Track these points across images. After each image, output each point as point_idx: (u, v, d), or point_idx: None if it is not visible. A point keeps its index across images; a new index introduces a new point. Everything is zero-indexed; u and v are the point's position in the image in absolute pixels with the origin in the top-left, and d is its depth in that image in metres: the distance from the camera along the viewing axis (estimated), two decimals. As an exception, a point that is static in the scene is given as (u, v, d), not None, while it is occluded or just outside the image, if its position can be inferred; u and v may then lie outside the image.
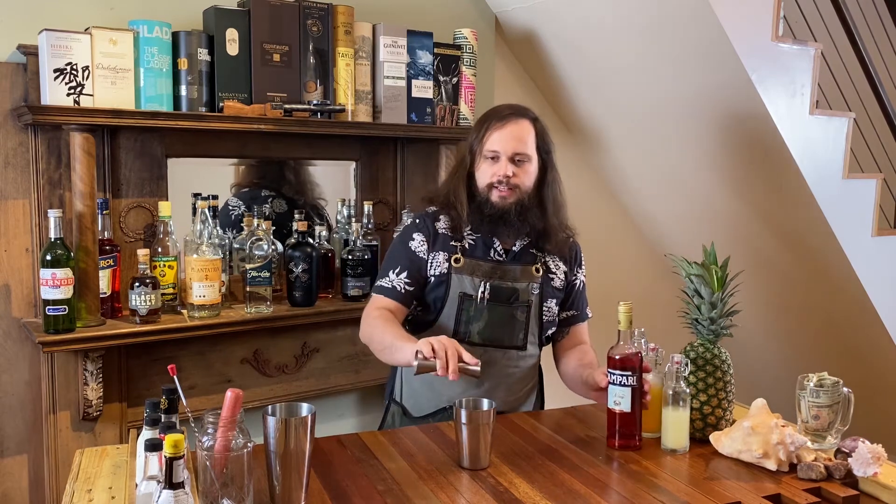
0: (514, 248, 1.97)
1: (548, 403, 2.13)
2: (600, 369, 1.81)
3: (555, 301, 1.99)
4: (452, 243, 1.94)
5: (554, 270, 1.99)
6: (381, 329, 1.84)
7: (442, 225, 1.96)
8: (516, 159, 1.90)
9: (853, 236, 2.85)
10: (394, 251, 2.00)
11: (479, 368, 1.64)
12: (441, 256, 1.93)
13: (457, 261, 1.92)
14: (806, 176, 2.69)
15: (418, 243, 1.96)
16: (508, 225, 1.92)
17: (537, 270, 1.96)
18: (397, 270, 1.94)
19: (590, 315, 2.09)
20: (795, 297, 3.18)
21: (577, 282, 2.06)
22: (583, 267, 2.09)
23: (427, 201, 2.06)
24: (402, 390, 2.02)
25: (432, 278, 1.93)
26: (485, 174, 1.92)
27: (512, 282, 1.92)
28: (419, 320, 1.98)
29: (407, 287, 1.93)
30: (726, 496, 1.45)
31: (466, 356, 1.64)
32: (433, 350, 1.63)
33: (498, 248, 1.95)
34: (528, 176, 1.93)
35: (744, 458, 1.60)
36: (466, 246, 1.95)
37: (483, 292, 1.89)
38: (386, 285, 1.94)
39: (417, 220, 2.00)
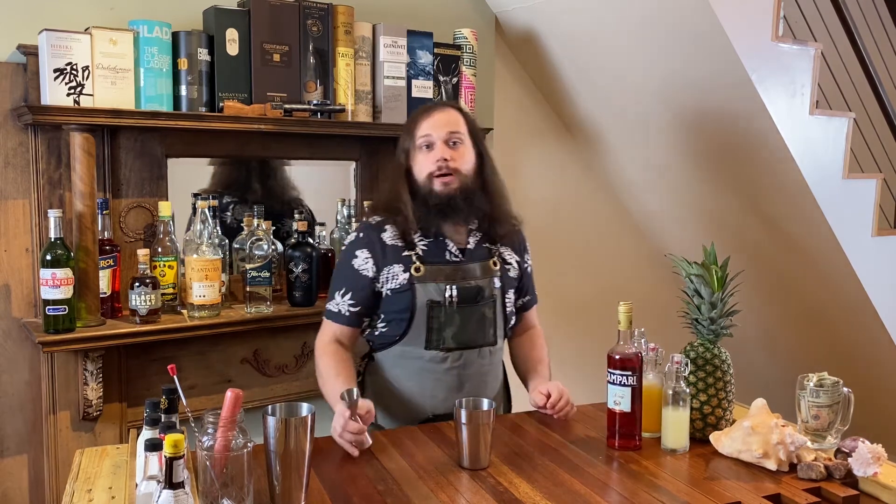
0: (468, 246, 1.94)
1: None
2: (541, 388, 1.89)
3: (513, 291, 2.00)
4: (406, 253, 1.88)
5: (509, 261, 2.01)
6: (323, 377, 1.85)
7: (389, 235, 1.90)
8: (451, 141, 1.88)
9: (853, 236, 2.85)
10: (339, 270, 1.95)
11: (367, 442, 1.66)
12: (397, 268, 1.87)
13: (417, 270, 1.87)
14: (806, 176, 2.69)
15: (362, 261, 1.89)
16: (457, 212, 1.88)
17: (495, 264, 1.96)
18: (342, 292, 1.90)
19: (537, 299, 2.13)
20: (795, 298, 3.18)
21: (529, 268, 2.09)
22: (528, 253, 2.11)
23: (371, 210, 2.01)
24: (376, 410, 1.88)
25: (389, 293, 1.88)
26: (423, 165, 1.89)
27: (474, 280, 1.91)
28: (387, 336, 1.92)
29: (351, 309, 1.89)
30: (726, 496, 1.45)
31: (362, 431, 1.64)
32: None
33: (453, 249, 1.92)
34: (466, 160, 1.90)
35: (744, 458, 1.60)
36: (420, 252, 1.89)
37: (451, 296, 1.86)
38: (333, 309, 1.92)
39: (361, 235, 1.92)
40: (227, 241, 2.42)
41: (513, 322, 2.04)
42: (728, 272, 1.76)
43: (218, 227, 2.35)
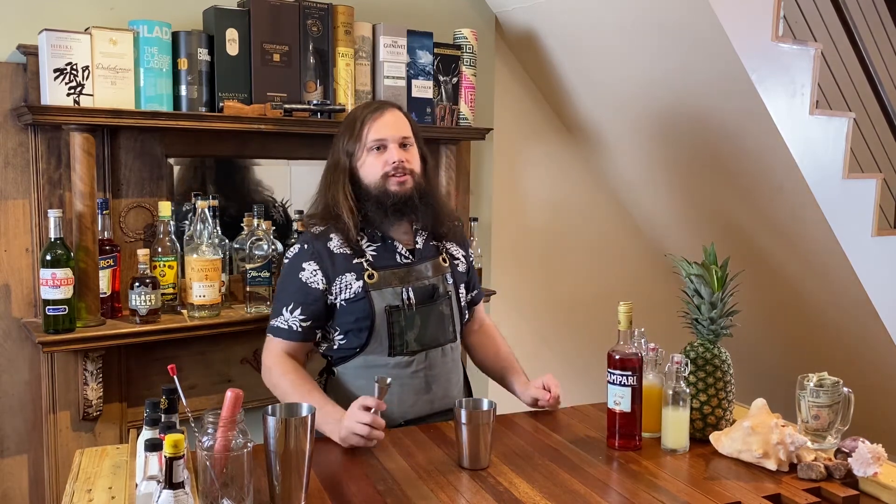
0: (417, 247, 1.93)
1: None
2: (536, 384, 1.91)
3: (463, 285, 2.01)
4: (356, 260, 1.83)
5: (457, 256, 2.02)
6: (293, 396, 1.73)
7: (335, 244, 1.85)
8: (403, 144, 1.88)
9: (853, 236, 2.85)
10: (284, 284, 1.86)
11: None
12: (349, 277, 1.82)
13: (370, 276, 1.82)
14: (806, 176, 2.69)
15: (310, 273, 1.82)
16: (413, 211, 1.86)
17: (444, 261, 1.96)
18: (290, 307, 1.82)
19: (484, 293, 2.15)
20: (795, 298, 3.18)
21: (473, 261, 2.10)
22: (472, 246, 2.13)
23: (308, 218, 1.94)
24: None
25: (343, 303, 1.82)
26: (374, 167, 1.85)
27: (428, 279, 1.90)
28: (347, 348, 1.86)
29: (303, 324, 1.82)
30: (726, 496, 1.45)
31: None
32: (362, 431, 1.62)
33: (402, 251, 1.89)
34: (416, 160, 1.91)
35: (744, 458, 1.60)
36: (371, 258, 1.85)
37: (408, 298, 1.84)
38: (282, 326, 1.82)
39: (305, 246, 1.85)
40: (227, 241, 2.42)
41: (466, 317, 2.03)
42: (728, 272, 1.76)
43: (218, 228, 2.35)
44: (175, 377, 1.42)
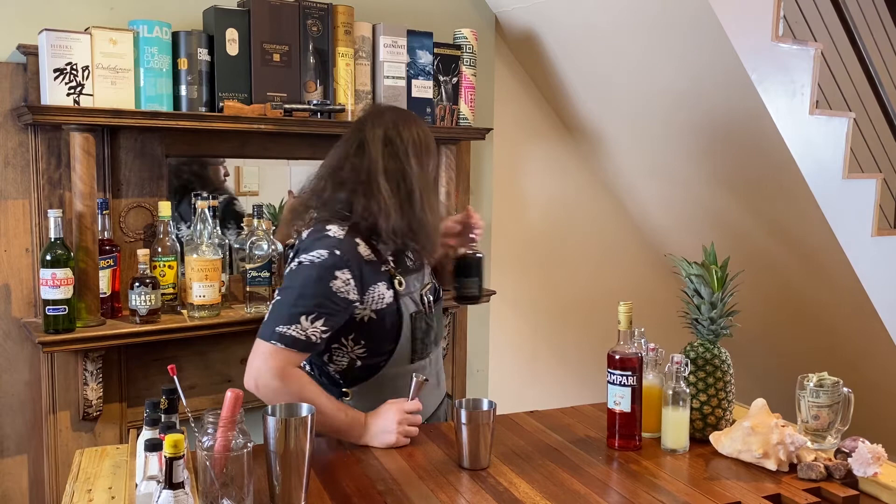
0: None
1: (547, 402, 2.14)
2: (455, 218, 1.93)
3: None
4: (383, 268, 1.73)
5: None
6: (317, 390, 1.62)
7: (363, 249, 1.69)
8: None
9: (853, 236, 2.85)
10: (306, 290, 1.62)
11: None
12: (382, 287, 1.71)
13: (400, 283, 1.74)
14: (806, 176, 2.69)
15: (342, 283, 1.63)
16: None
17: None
18: (312, 317, 1.60)
19: None
20: (795, 298, 3.18)
21: None
22: None
23: (320, 209, 1.75)
24: None
25: (373, 315, 1.70)
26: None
27: (431, 279, 1.90)
28: (369, 366, 1.75)
29: (323, 336, 1.62)
30: (726, 496, 1.45)
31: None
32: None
33: (408, 254, 1.82)
34: None
35: (744, 458, 1.60)
36: (392, 264, 1.76)
37: (428, 301, 1.82)
38: (297, 336, 1.58)
39: (338, 252, 1.64)
40: (227, 241, 2.42)
41: None
42: (728, 272, 1.75)
43: (218, 228, 2.35)
44: (175, 377, 1.42)
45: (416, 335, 1.78)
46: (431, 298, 1.85)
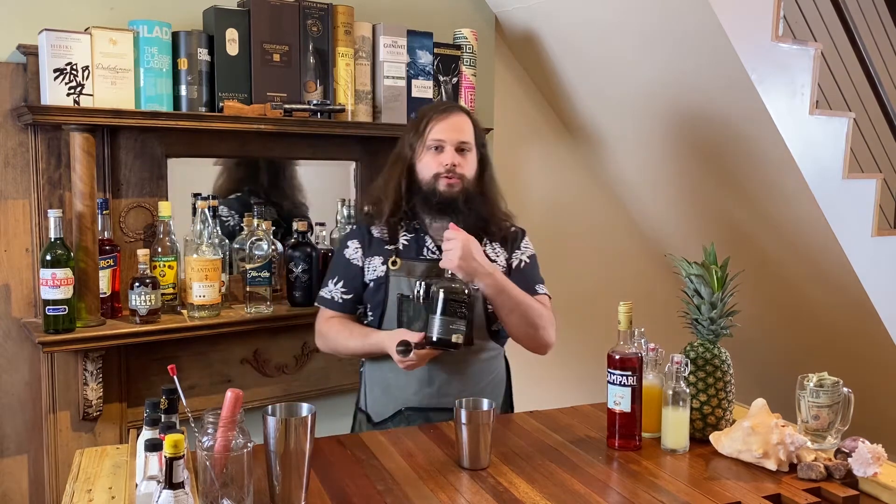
0: None
1: (548, 403, 2.14)
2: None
3: None
4: (387, 247, 1.97)
5: (493, 258, 1.99)
6: (344, 333, 1.96)
7: (377, 229, 2.00)
8: (460, 148, 1.95)
9: (853, 236, 2.85)
10: (334, 260, 2.07)
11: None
12: (377, 261, 1.97)
13: (394, 263, 1.94)
14: (806, 176, 2.69)
15: (353, 250, 2.01)
16: (456, 213, 1.93)
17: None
18: (335, 280, 2.01)
19: (541, 291, 2.03)
20: (795, 297, 3.18)
21: (516, 262, 2.04)
22: (523, 248, 2.07)
23: (363, 197, 2.13)
24: (367, 398, 2.03)
25: (371, 283, 1.97)
26: (429, 165, 1.95)
27: (447, 280, 1.88)
28: (372, 325, 1.99)
29: (344, 296, 2.00)
30: (726, 496, 1.45)
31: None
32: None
33: (430, 247, 1.97)
34: (471, 166, 1.98)
35: (744, 458, 1.60)
36: (401, 247, 1.97)
37: (418, 292, 1.88)
38: (325, 296, 2.02)
39: (355, 227, 2.07)
40: (227, 241, 2.42)
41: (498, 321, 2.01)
42: (728, 272, 1.76)
43: (218, 227, 2.35)
44: (175, 377, 1.42)
45: (402, 318, 1.92)
46: (423, 291, 1.86)
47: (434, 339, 1.76)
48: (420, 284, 1.88)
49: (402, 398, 1.93)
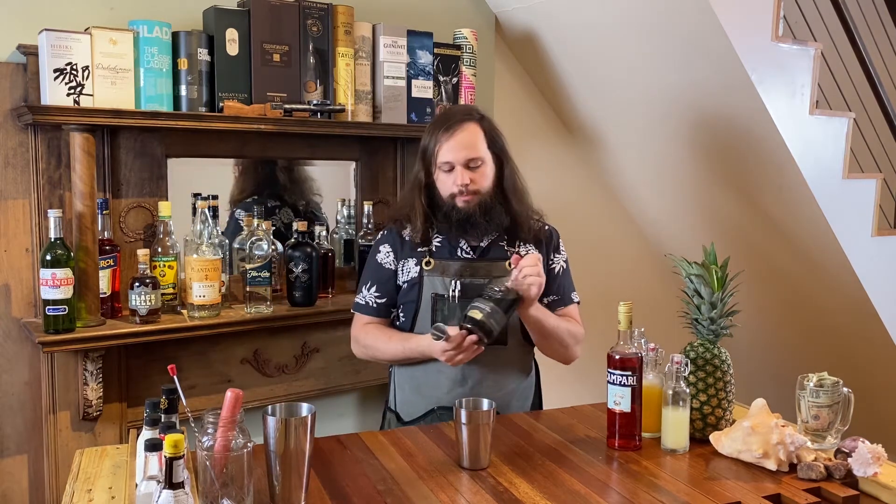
0: (481, 245, 1.99)
1: (546, 403, 2.14)
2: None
3: None
4: (421, 249, 1.99)
5: None
6: (382, 338, 1.97)
7: (408, 233, 2.02)
8: (470, 165, 1.94)
9: (853, 236, 2.85)
10: (366, 265, 2.09)
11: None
12: (411, 262, 1.99)
13: (427, 263, 1.96)
14: (806, 176, 2.69)
15: (384, 255, 2.03)
16: (476, 227, 1.96)
17: (510, 265, 1.94)
18: (368, 285, 2.04)
19: (576, 300, 2.09)
20: (795, 298, 3.18)
21: (556, 267, 2.07)
22: (561, 252, 2.10)
23: (388, 220, 2.15)
24: (396, 398, 2.05)
25: (405, 284, 2.00)
26: (445, 185, 1.96)
27: (483, 278, 1.93)
28: (403, 326, 2.01)
29: (378, 301, 2.02)
30: (726, 496, 1.45)
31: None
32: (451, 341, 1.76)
33: (464, 247, 1.99)
34: (486, 178, 1.96)
35: (744, 458, 1.60)
36: (434, 249, 1.99)
37: (454, 290, 1.92)
38: (360, 302, 2.05)
39: (385, 233, 2.08)
40: (227, 241, 2.42)
41: None
42: (728, 272, 1.76)
43: (218, 228, 2.35)
44: (175, 377, 1.42)
45: (436, 317, 1.94)
46: (460, 290, 1.91)
47: (465, 318, 1.75)
48: (455, 283, 1.91)
49: (435, 397, 1.95)
